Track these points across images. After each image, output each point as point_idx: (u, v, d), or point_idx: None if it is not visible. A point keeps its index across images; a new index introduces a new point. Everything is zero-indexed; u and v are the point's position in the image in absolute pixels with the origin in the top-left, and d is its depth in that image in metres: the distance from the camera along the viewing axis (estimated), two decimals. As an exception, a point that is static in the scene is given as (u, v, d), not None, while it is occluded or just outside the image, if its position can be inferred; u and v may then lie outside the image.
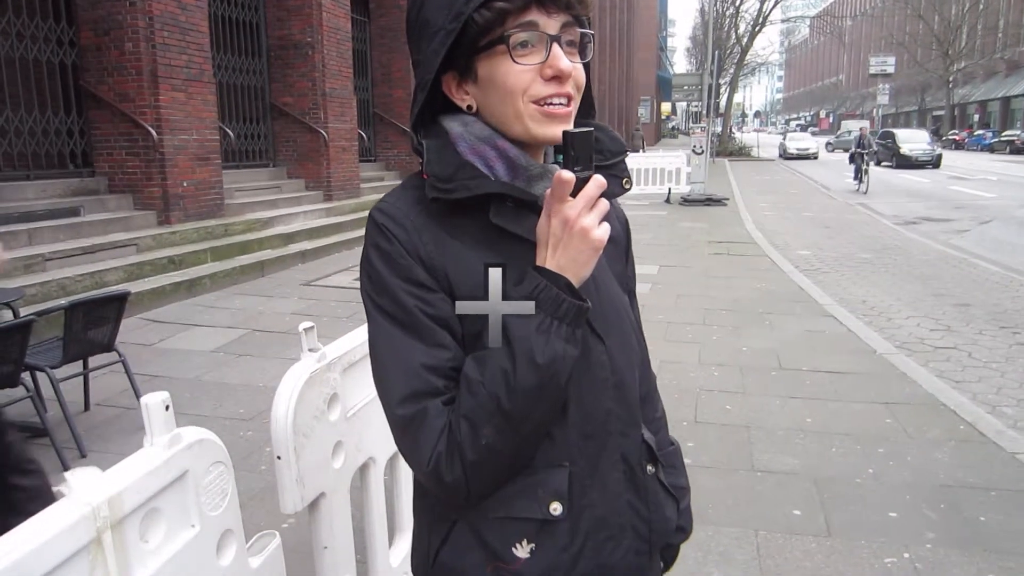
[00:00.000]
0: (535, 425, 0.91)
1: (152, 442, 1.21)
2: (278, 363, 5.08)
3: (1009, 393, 4.70)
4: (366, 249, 0.96)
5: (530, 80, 0.90)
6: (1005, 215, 14.25)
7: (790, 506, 3.21)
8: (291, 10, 10.59)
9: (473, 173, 0.93)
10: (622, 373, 1.02)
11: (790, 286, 7.79)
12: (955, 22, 55.39)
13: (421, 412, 0.88)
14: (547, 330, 0.86)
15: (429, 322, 0.91)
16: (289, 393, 1.59)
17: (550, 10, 0.90)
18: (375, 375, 0.95)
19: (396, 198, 0.97)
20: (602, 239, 0.88)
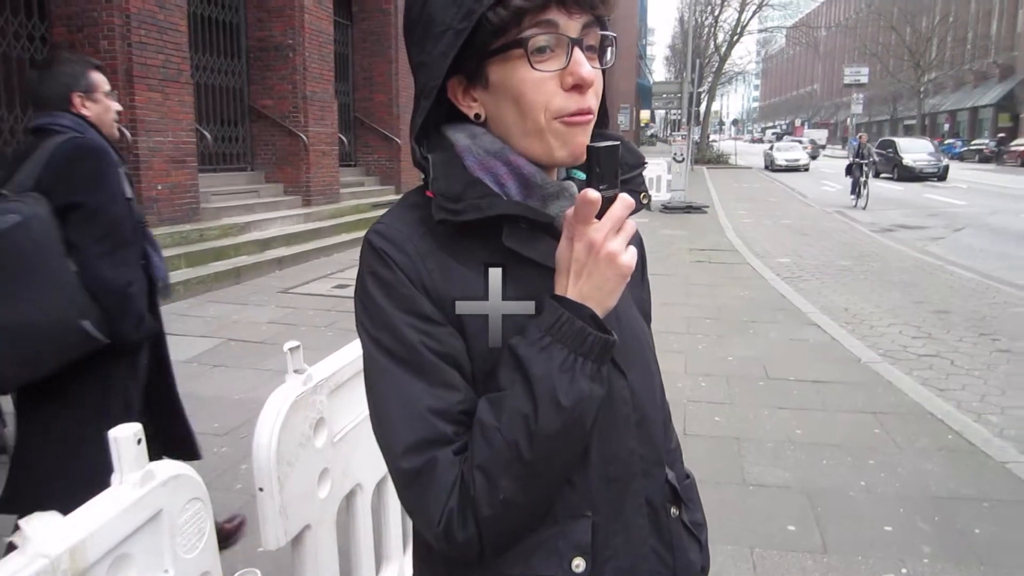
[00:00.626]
0: (557, 474, 0.81)
1: (121, 480, 1.09)
2: (254, 374, 4.93)
3: (992, 401, 4.69)
4: (362, 277, 0.85)
5: (551, 91, 0.81)
6: (977, 222, 14.42)
7: (784, 521, 3.14)
8: (272, 11, 10.42)
9: (483, 191, 0.83)
10: (645, 409, 0.93)
11: (772, 294, 7.78)
12: (926, 34, 56.35)
13: (429, 464, 0.78)
14: (571, 368, 0.77)
15: (436, 360, 0.80)
16: (273, 419, 1.48)
17: (571, 9, 0.79)
18: (374, 421, 0.84)
19: (395, 219, 0.87)
20: (630, 265, 0.79)
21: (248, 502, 3.18)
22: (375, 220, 0.87)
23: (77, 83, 2.34)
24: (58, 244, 2.04)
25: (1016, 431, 4.19)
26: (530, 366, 0.77)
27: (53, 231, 2.04)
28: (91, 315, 2.07)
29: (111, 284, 2.14)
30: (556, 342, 0.77)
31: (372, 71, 13.79)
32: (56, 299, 2.02)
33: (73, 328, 2.04)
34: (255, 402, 4.37)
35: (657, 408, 0.97)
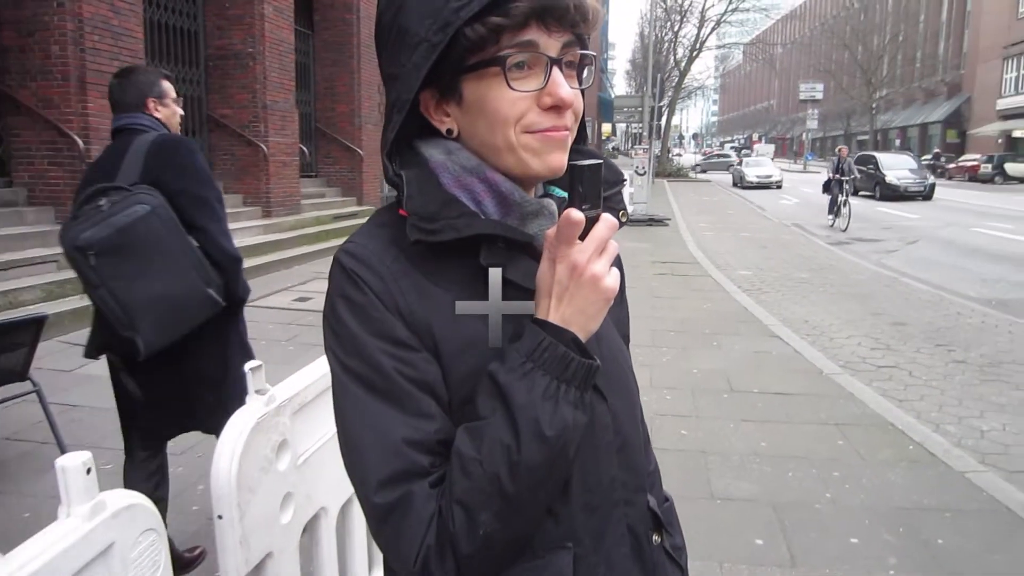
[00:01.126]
0: (540, 506, 0.77)
1: (69, 512, 1.02)
2: (213, 389, 4.79)
3: (950, 411, 4.78)
4: (331, 300, 0.80)
5: (525, 108, 0.77)
6: (929, 235, 14.80)
7: (752, 535, 3.14)
8: (232, 20, 10.26)
9: (460, 210, 0.79)
10: (626, 433, 0.89)
11: (734, 306, 7.85)
12: (877, 52, 58.03)
13: (405, 498, 0.73)
14: (554, 395, 0.73)
15: (411, 387, 0.76)
16: (233, 444, 1.41)
17: (551, 28, 0.76)
18: (345, 452, 0.79)
19: (367, 238, 0.82)
20: (614, 288, 0.76)
21: (205, 525, 3.07)
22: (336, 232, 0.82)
23: (151, 89, 2.69)
24: (179, 225, 2.36)
25: (973, 441, 4.27)
26: (511, 394, 0.73)
27: (173, 215, 2.35)
28: (213, 284, 2.41)
29: (231, 254, 2.51)
30: (538, 368, 0.73)
31: (334, 81, 13.66)
32: (187, 272, 2.35)
33: (202, 295, 2.38)
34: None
35: (638, 431, 0.94)
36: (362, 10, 13.57)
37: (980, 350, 6.18)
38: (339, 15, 13.40)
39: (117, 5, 7.57)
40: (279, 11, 10.75)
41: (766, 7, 51.46)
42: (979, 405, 4.86)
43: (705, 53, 49.58)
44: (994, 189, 30.96)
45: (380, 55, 0.84)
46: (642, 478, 0.92)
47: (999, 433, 4.38)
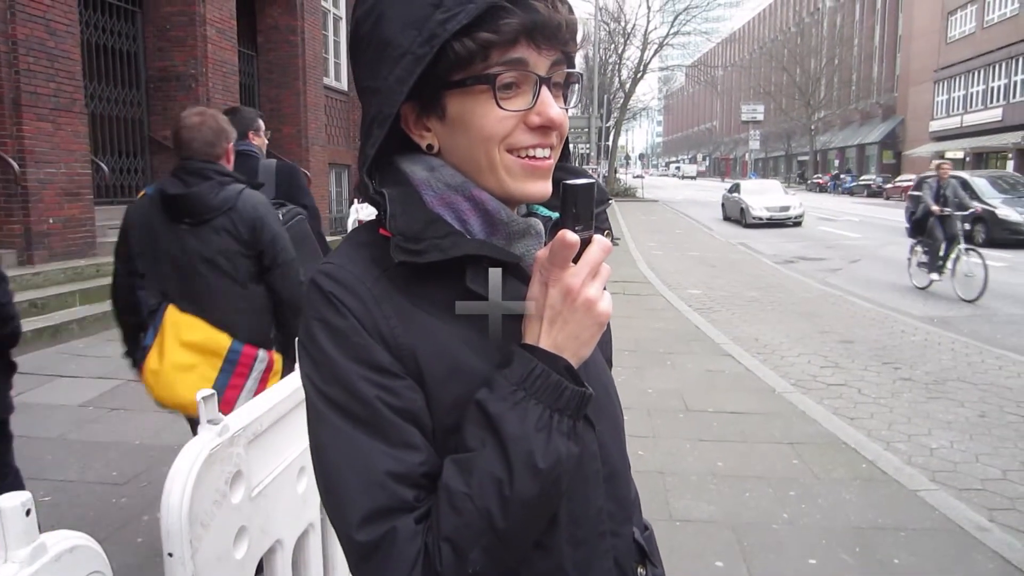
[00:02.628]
0: (529, 540, 0.74)
1: (7, 558, 0.94)
2: (156, 417, 4.61)
3: (899, 429, 4.88)
4: (308, 325, 0.75)
5: (511, 127, 0.75)
6: (871, 254, 15.27)
7: (712, 557, 3.13)
8: (173, 41, 10.04)
9: (446, 230, 0.76)
10: (613, 462, 0.87)
11: (686, 325, 7.94)
12: (814, 75, 60.25)
13: (388, 535, 0.69)
14: (547, 426, 0.70)
15: (394, 416, 0.72)
16: (184, 477, 1.33)
17: (541, 46, 0.74)
18: (323, 487, 0.74)
19: (345, 259, 0.78)
20: (608, 313, 0.74)
21: (150, 558, 2.93)
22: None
23: (251, 124, 3.51)
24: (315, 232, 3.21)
25: (923, 458, 4.36)
26: (503, 425, 0.69)
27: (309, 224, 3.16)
28: None
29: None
30: (530, 397, 0.70)
31: (280, 103, 13.48)
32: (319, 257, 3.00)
33: None
34: (157, 448, 4.11)
35: (624, 460, 0.91)
36: (306, 32, 13.48)
37: (925, 367, 6.36)
38: (283, 37, 13.28)
39: (53, 26, 7.35)
40: (222, 32, 10.57)
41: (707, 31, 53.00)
42: (927, 423, 4.97)
43: (649, 75, 50.60)
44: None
45: (356, 67, 0.80)
46: (628, 508, 0.90)
47: (947, 451, 4.49)
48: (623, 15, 43.15)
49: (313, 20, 13.93)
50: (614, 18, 42.43)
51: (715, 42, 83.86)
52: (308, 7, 13.63)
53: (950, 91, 45.55)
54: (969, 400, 5.43)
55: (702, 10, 45.88)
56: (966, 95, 43.73)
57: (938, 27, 46.59)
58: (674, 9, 43.92)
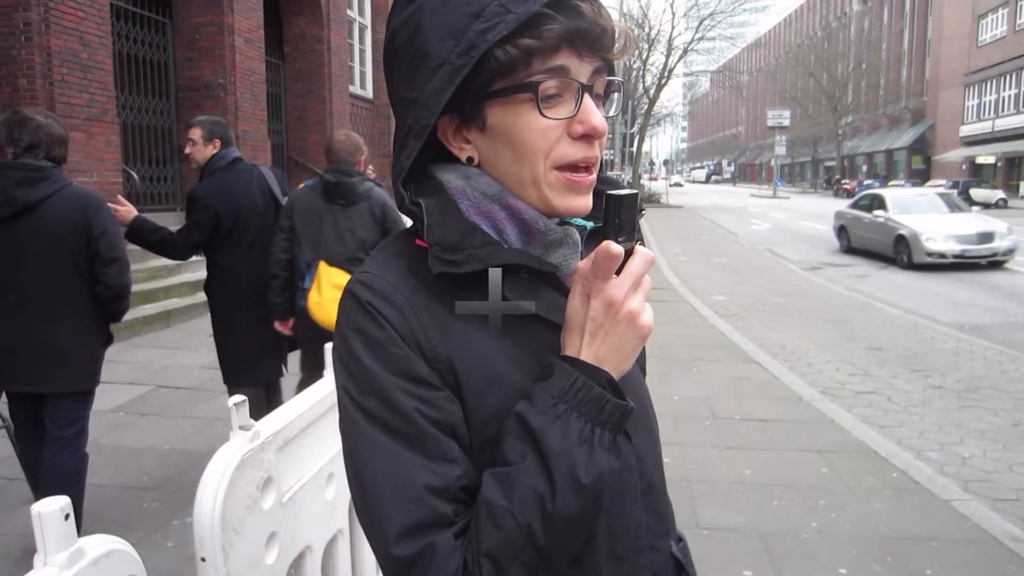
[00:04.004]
0: (569, 556, 0.73)
1: (46, 561, 0.96)
2: (186, 423, 4.69)
3: (931, 437, 4.80)
4: (344, 335, 0.75)
5: (556, 138, 0.74)
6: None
7: (740, 566, 3.10)
8: (203, 51, 10.22)
9: (484, 239, 0.75)
10: (651, 476, 0.86)
11: (712, 332, 7.88)
12: (842, 80, 59.56)
13: (427, 551, 0.68)
14: (588, 440, 0.69)
15: (433, 429, 0.71)
16: (217, 482, 1.35)
17: (583, 53, 0.74)
18: (359, 500, 0.73)
19: (382, 269, 0.77)
20: (651, 326, 0.73)
21: (181, 563, 2.96)
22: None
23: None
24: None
25: (955, 468, 4.28)
26: (545, 439, 0.68)
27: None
28: None
29: None
30: (572, 410, 0.69)
31: (305, 111, 13.66)
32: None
33: None
34: (187, 453, 4.16)
35: (661, 472, 0.90)
36: (332, 41, 13.64)
37: (957, 375, 6.25)
38: (310, 46, 13.45)
39: (86, 38, 7.52)
40: (250, 42, 10.75)
41: (732, 36, 52.53)
42: (959, 432, 4.89)
43: (673, 80, 50.47)
44: (958, 214, 31.62)
45: (392, 77, 0.80)
46: (666, 522, 0.88)
47: (980, 460, 4.40)
48: (647, 21, 42.98)
49: (339, 29, 14.09)
50: (638, 24, 42.31)
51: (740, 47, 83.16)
52: (334, 16, 13.79)
53: (981, 95, 44.84)
54: (1003, 409, 5.33)
55: (727, 15, 45.55)
56: (997, 99, 43.03)
57: (968, 30, 45.90)
58: (699, 15, 43.71)
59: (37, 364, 2.90)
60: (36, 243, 2.84)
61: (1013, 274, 12.15)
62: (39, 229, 2.83)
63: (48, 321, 2.89)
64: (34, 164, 2.85)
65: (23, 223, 2.82)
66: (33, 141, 2.86)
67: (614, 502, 0.79)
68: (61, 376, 2.94)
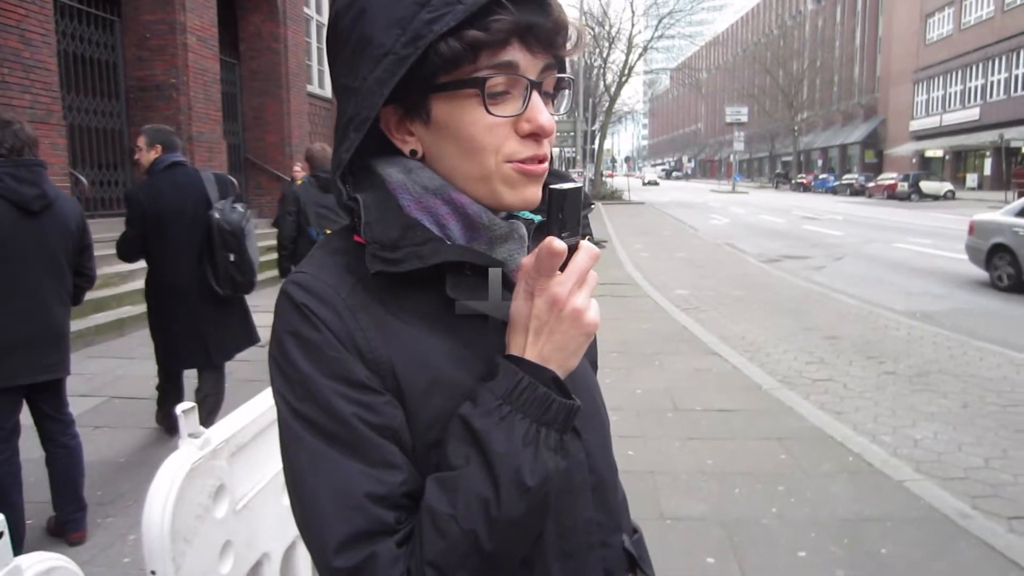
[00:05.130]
0: (516, 559, 0.72)
1: (-19, 580, 0.93)
2: (142, 434, 4.58)
3: (885, 421, 4.91)
4: (279, 338, 0.72)
5: (504, 136, 0.72)
6: (854, 252, 15.37)
7: (703, 554, 3.14)
8: (153, 50, 9.99)
9: (424, 236, 0.72)
10: (601, 471, 0.84)
11: (674, 325, 7.96)
12: (797, 77, 60.73)
13: (368, 561, 0.66)
14: (534, 441, 0.67)
15: (373, 435, 0.68)
16: (166, 492, 1.32)
17: (533, 49, 0.71)
18: (298, 511, 0.70)
19: (318, 268, 0.74)
20: (596, 322, 0.72)
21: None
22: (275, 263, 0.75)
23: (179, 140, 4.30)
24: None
25: (908, 450, 4.39)
26: (489, 442, 0.66)
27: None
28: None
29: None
30: (516, 411, 0.67)
31: (263, 111, 13.45)
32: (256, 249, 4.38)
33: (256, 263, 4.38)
34: (143, 465, 4.07)
35: (612, 467, 0.88)
36: (289, 39, 13.46)
37: (908, 361, 6.40)
38: (266, 44, 13.24)
39: (28, 36, 7.28)
40: (203, 40, 10.53)
41: (690, 34, 53.19)
42: (911, 415, 5.01)
43: (634, 78, 50.84)
44: (911, 206, 32.55)
45: (333, 63, 0.76)
46: (617, 517, 0.87)
47: (931, 441, 4.52)
48: (607, 19, 43.25)
49: (296, 27, 13.91)
50: (598, 22, 42.54)
51: (699, 45, 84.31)
52: (291, 14, 13.61)
53: (929, 91, 46.08)
54: (952, 392, 5.48)
55: (686, 14, 46.19)
56: (945, 95, 44.26)
57: (917, 29, 47.13)
58: (658, 13, 44.17)
59: (54, 352, 3.20)
60: (51, 237, 3.13)
61: (960, 263, 12.58)
62: (55, 224, 3.13)
63: (54, 310, 3.19)
64: (44, 163, 3.16)
65: (45, 217, 3.09)
66: (16, 144, 3.03)
67: (563, 500, 0.77)
68: (65, 361, 3.29)
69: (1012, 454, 4.27)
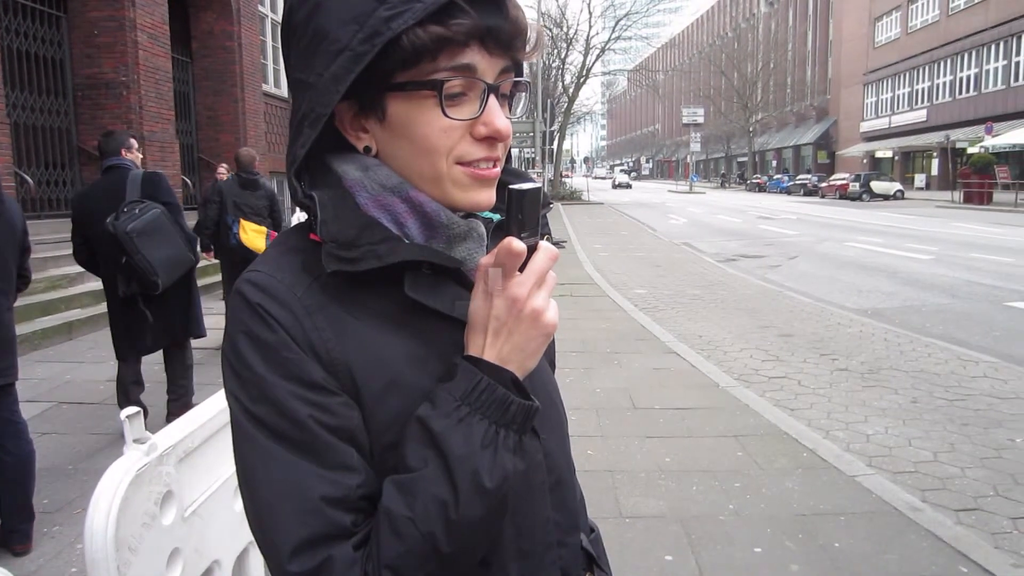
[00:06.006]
0: (474, 560, 0.71)
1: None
2: (92, 440, 4.46)
3: (838, 417, 5.01)
4: (233, 338, 0.70)
5: (458, 138, 0.71)
6: (808, 251, 15.68)
7: (662, 551, 3.16)
8: (101, 47, 9.72)
9: (382, 234, 0.71)
10: (560, 470, 0.84)
11: (632, 324, 8.03)
12: (751, 79, 61.81)
13: (325, 565, 0.64)
14: (493, 443, 0.67)
15: (329, 436, 0.67)
16: (109, 500, 1.27)
17: (492, 51, 0.70)
18: (252, 515, 0.69)
19: (274, 267, 0.72)
20: (555, 323, 0.71)
21: (85, 589, 2.81)
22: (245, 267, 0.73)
23: (124, 143, 4.39)
24: (172, 221, 4.23)
25: (860, 445, 4.49)
26: (447, 444, 0.66)
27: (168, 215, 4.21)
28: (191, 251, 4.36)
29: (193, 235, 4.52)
30: (475, 412, 0.67)
31: (216, 110, 13.20)
32: (179, 244, 4.24)
33: (187, 257, 4.32)
34: (92, 472, 3.95)
35: (570, 466, 0.88)
36: (243, 38, 13.24)
37: (860, 357, 6.55)
38: (219, 43, 13.00)
39: (-30, 32, 7.05)
40: (153, 38, 10.29)
41: (647, 36, 53.69)
42: (863, 410, 5.13)
43: (592, 79, 51.22)
44: (862, 206, 33.36)
45: (288, 56, 0.75)
46: (575, 516, 0.87)
47: (882, 436, 4.63)
48: (565, 20, 43.47)
49: (250, 25, 13.69)
50: (556, 23, 42.72)
51: (656, 47, 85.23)
52: (245, 12, 13.39)
53: (878, 93, 47.30)
54: (902, 387, 5.62)
55: (642, 15, 46.54)
56: (893, 97, 45.49)
57: (866, 32, 48.35)
58: (615, 15, 44.50)
59: (7, 355, 3.20)
60: (2, 238, 3.15)
61: (909, 261, 13.02)
62: (4, 227, 3.16)
63: (3, 315, 3.19)
64: None
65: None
66: None
67: (521, 501, 0.77)
68: (16, 365, 3.30)
69: (959, 447, 4.40)
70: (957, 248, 14.88)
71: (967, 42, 37.18)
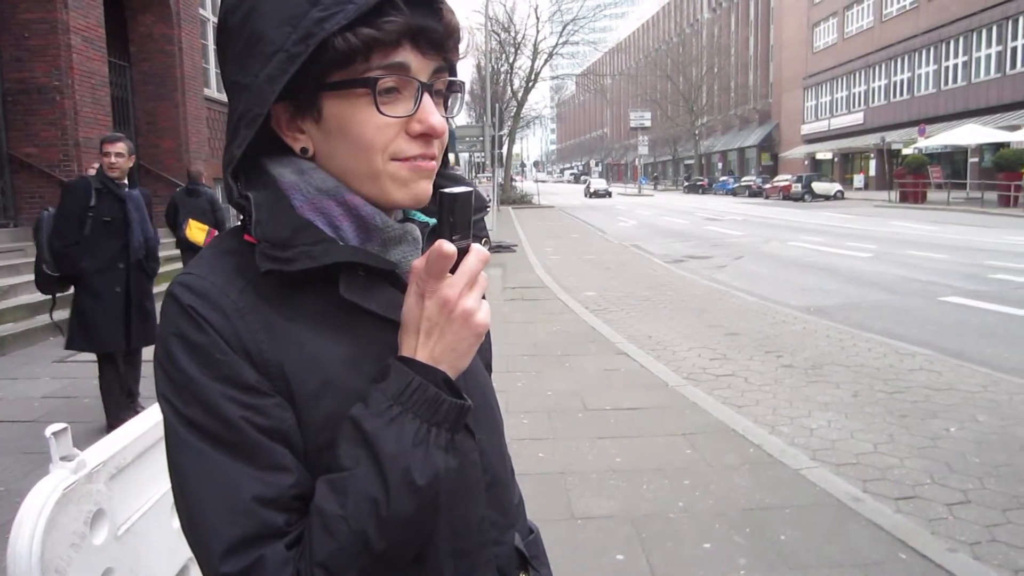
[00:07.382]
0: (407, 558, 0.71)
1: None
2: (25, 460, 4.29)
3: (783, 413, 5.13)
4: (165, 340, 0.70)
5: (393, 135, 0.72)
6: (753, 251, 16.03)
7: (613, 551, 3.18)
8: (32, 50, 9.37)
9: (316, 236, 0.72)
10: (495, 469, 0.85)
11: (583, 327, 8.08)
12: (696, 83, 62.99)
13: (256, 565, 0.64)
14: (424, 441, 0.68)
15: (261, 437, 0.67)
16: (34, 521, 1.22)
17: (424, 50, 0.72)
18: (184, 517, 0.68)
19: (207, 268, 0.73)
20: (486, 324, 0.72)
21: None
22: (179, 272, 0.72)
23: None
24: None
25: (804, 439, 4.60)
26: (379, 442, 0.66)
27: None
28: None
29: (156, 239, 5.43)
30: (407, 412, 0.68)
31: (156, 116, 12.84)
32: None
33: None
34: (24, 493, 3.78)
35: (505, 466, 0.89)
36: (184, 41, 12.93)
37: (804, 354, 6.72)
38: (158, 46, 12.66)
39: None
40: (88, 41, 9.96)
41: (594, 40, 54.20)
42: (807, 405, 5.26)
43: (540, 84, 51.48)
44: (805, 206, 34.25)
45: (224, 60, 0.75)
46: (510, 515, 0.88)
47: (825, 430, 4.75)
48: (513, 25, 43.63)
49: (191, 29, 13.37)
50: (504, 28, 42.85)
51: (603, 51, 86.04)
52: (185, 15, 13.08)
53: (818, 97, 48.66)
54: (844, 382, 5.78)
55: (588, 20, 46.96)
56: (832, 100, 46.85)
57: (805, 37, 49.71)
58: (562, 20, 44.81)
59: None
60: None
61: (849, 259, 13.43)
62: None
63: None
64: None
65: None
66: None
67: (455, 499, 0.78)
68: None
69: (898, 438, 4.54)
70: (894, 246, 15.39)
71: (900, 47, 38.52)
